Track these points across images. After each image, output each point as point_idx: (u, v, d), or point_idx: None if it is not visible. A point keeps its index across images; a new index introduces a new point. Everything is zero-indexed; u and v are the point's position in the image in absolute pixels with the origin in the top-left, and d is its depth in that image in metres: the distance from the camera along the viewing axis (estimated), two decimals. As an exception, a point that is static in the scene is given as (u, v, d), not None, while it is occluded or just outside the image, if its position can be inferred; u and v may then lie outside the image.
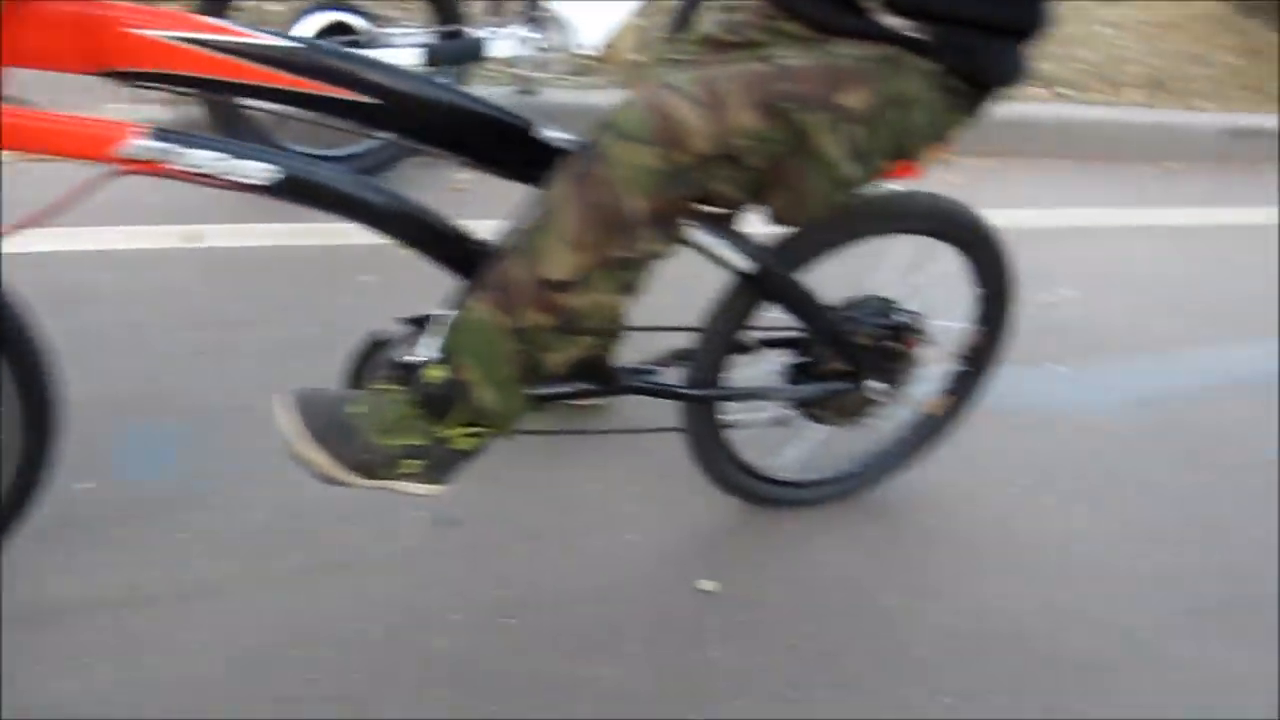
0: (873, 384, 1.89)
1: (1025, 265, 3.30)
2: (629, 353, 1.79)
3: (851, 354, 1.85)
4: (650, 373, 1.79)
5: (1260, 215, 4.25)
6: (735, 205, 1.52)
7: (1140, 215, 3.99)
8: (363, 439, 1.45)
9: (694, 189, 1.40)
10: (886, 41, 1.45)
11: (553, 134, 1.46)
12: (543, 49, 3.11)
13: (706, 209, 1.54)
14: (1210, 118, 4.90)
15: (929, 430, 2.11)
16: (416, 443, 1.47)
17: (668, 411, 1.86)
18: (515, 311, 1.40)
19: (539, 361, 1.45)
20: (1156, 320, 3.20)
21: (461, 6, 2.98)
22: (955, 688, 1.79)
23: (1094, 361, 2.90)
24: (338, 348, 1.62)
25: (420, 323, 1.58)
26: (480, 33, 3.01)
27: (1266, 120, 5.07)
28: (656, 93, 1.36)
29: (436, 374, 1.45)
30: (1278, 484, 2.49)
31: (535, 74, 3.20)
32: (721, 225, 1.61)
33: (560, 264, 1.37)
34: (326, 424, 1.43)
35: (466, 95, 1.44)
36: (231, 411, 2.06)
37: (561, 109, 3.25)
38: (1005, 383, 2.62)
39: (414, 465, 1.49)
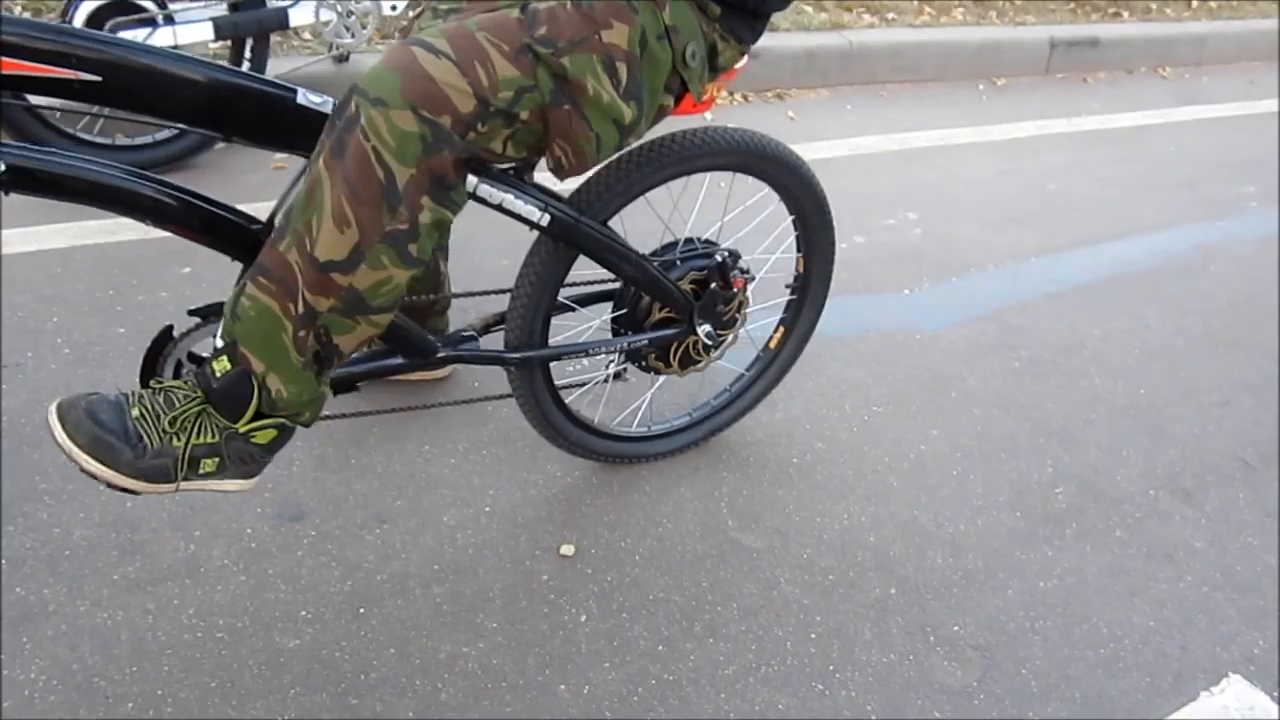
0: (703, 327, 1.85)
1: (866, 192, 3.36)
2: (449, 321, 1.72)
3: (675, 300, 1.80)
4: (470, 340, 1.72)
5: (1089, 123, 4.37)
6: (515, 162, 1.44)
7: (974, 133, 4.05)
8: (151, 443, 1.34)
9: (463, 150, 1.30)
10: None
11: (320, 100, 1.36)
12: (348, 13, 2.98)
13: (492, 165, 1.46)
14: (1033, 31, 5.00)
15: (772, 365, 2.08)
16: (211, 440, 1.38)
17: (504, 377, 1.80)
18: (293, 296, 1.32)
19: (328, 345, 1.37)
20: (996, 234, 3.25)
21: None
22: (823, 622, 1.77)
23: (938, 281, 2.92)
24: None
25: (213, 313, 1.48)
26: (279, 1, 2.85)
27: (1087, 30, 5.20)
28: (405, 52, 1.27)
29: (222, 367, 1.37)
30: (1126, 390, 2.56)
31: (345, 40, 3.05)
32: (512, 180, 1.54)
33: (331, 244, 1.28)
34: (107, 432, 1.32)
35: (220, 68, 1.32)
36: (39, 427, 1.92)
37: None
38: (851, 310, 2.64)
39: (213, 463, 1.40)
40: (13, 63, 1.18)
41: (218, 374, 1.37)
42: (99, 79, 1.24)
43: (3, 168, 1.22)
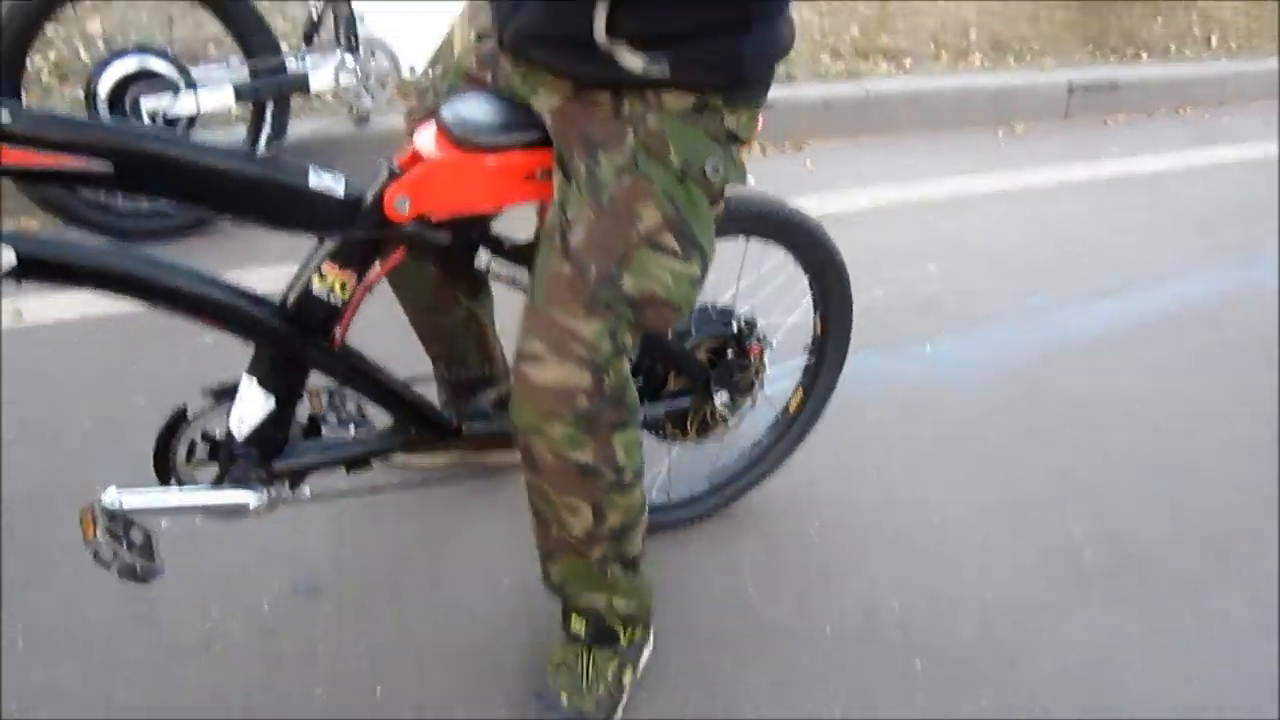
0: (719, 395, 1.83)
1: (885, 243, 3.34)
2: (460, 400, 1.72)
3: (690, 369, 1.78)
4: (483, 416, 1.71)
5: (1108, 168, 4.34)
6: (636, 365, 1.53)
7: (993, 180, 4.03)
8: (591, 704, 1.62)
9: (610, 404, 1.40)
10: (632, 86, 1.35)
11: (330, 182, 1.36)
12: (367, 76, 3.00)
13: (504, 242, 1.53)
14: (1051, 75, 4.99)
15: (790, 429, 2.06)
16: (615, 664, 1.66)
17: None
18: (583, 554, 1.54)
19: (629, 559, 1.58)
20: (1017, 285, 3.22)
21: (274, 38, 2.85)
22: (846, 698, 1.74)
23: (958, 335, 2.89)
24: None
25: (226, 394, 1.48)
26: (298, 64, 2.88)
27: (1105, 72, 5.19)
28: (519, 376, 1.38)
29: (580, 623, 1.65)
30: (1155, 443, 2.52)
31: (364, 102, 3.07)
32: (523, 253, 1.54)
33: (577, 524, 1.48)
34: None
35: (231, 153, 1.33)
36: (57, 499, 1.92)
37: (394, 135, 3.13)
38: (871, 365, 2.61)
39: (628, 673, 1.68)
40: (29, 155, 1.18)
41: (582, 631, 1.65)
42: (111, 166, 1.24)
43: (15, 260, 1.22)
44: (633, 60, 1.30)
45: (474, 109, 1.45)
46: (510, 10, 1.38)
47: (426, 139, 1.42)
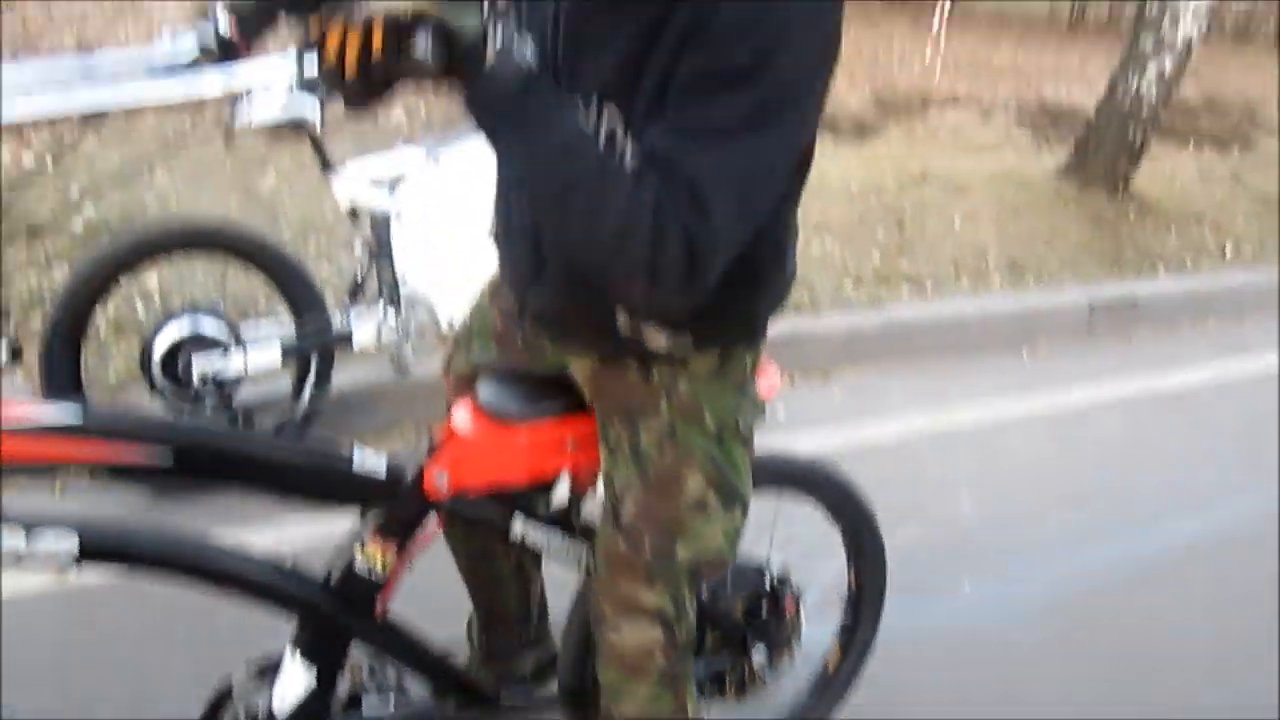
0: (757, 652, 1.83)
1: (916, 478, 3.32)
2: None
3: (727, 626, 1.79)
4: (521, 683, 1.72)
5: (1135, 385, 4.37)
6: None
7: (1020, 404, 4.05)
8: None
9: (686, 658, 1.51)
10: (660, 361, 1.40)
11: (373, 463, 1.43)
12: (407, 331, 3.12)
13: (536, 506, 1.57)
14: (1072, 295, 5.09)
15: (830, 688, 2.03)
16: None
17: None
18: None
19: None
20: (1054, 516, 3.19)
21: (320, 296, 2.99)
22: None
23: (996, 572, 2.86)
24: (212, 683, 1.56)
25: (270, 669, 1.50)
26: (342, 320, 3.01)
27: (1124, 289, 5.30)
28: (605, 640, 1.49)
29: None
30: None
31: (405, 353, 3.19)
32: (558, 521, 1.59)
33: None
34: None
35: (280, 443, 1.41)
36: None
37: (432, 383, 3.22)
38: (909, 611, 2.56)
39: None
40: (99, 451, 1.26)
41: None
42: (171, 459, 1.32)
43: (77, 551, 1.28)
44: (656, 339, 1.36)
45: (506, 385, 1.52)
46: (526, 286, 1.43)
47: (463, 417, 1.49)
